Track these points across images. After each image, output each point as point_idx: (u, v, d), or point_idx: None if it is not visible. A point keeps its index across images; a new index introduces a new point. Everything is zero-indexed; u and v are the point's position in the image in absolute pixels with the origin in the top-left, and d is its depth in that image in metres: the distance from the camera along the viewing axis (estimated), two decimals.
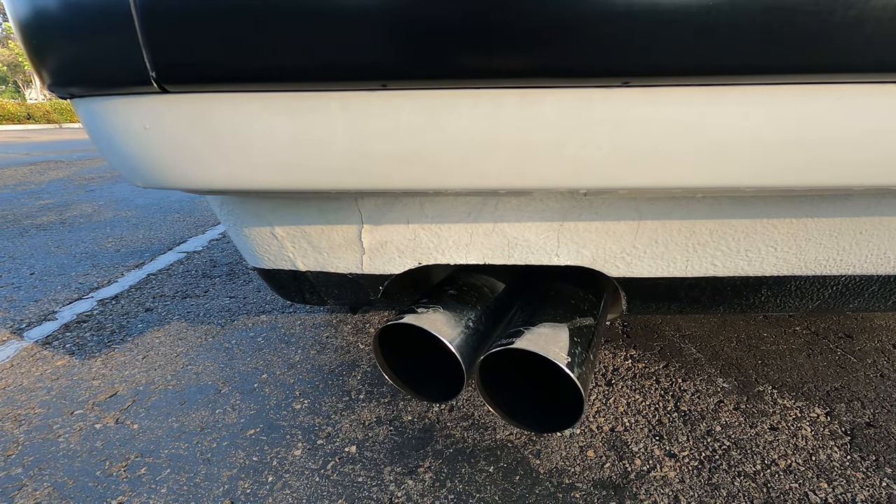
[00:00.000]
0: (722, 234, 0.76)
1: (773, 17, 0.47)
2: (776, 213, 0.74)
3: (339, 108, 0.56)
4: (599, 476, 1.19)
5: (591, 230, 0.77)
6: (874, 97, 0.52)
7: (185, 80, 0.56)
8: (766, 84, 0.52)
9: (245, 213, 0.83)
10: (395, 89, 0.55)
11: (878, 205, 0.72)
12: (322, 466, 1.22)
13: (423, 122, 0.56)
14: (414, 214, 0.78)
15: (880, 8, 0.46)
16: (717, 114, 0.54)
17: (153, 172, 0.64)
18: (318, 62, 0.53)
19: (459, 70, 0.52)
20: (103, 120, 0.62)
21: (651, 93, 0.52)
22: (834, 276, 0.81)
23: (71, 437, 1.33)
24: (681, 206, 0.74)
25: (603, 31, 0.49)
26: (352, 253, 0.83)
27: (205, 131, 0.59)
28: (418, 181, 0.60)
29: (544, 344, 0.71)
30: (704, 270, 0.80)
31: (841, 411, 1.42)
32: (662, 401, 1.48)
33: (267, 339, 1.87)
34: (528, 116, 0.55)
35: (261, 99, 0.57)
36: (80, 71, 0.58)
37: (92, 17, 0.54)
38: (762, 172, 0.56)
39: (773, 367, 1.65)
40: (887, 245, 0.76)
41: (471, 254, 0.82)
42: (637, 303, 0.91)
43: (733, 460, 1.24)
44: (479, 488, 1.15)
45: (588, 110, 0.54)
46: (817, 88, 0.52)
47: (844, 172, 0.56)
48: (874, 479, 1.18)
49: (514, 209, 0.76)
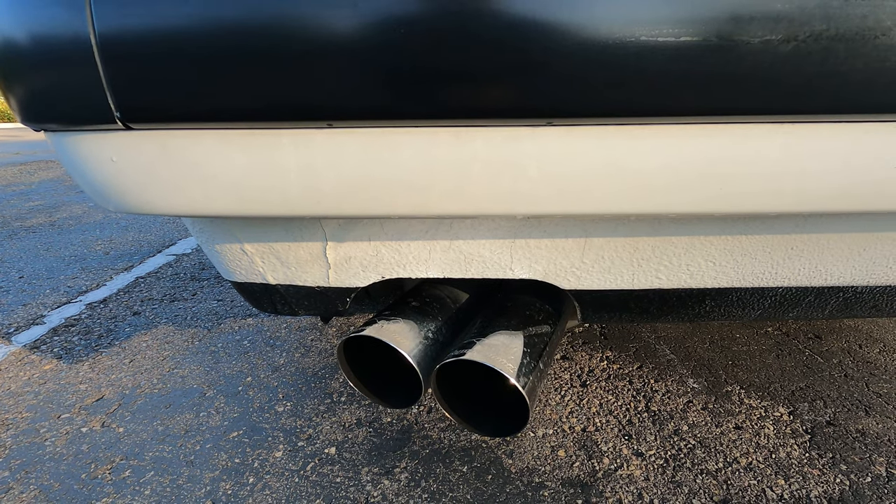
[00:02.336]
0: (664, 251, 0.81)
1: (676, 66, 0.52)
2: (712, 231, 0.79)
3: (290, 144, 0.61)
4: (568, 475, 1.23)
5: (542, 246, 0.82)
6: (772, 136, 0.57)
7: (147, 119, 0.61)
8: (670, 124, 0.58)
9: (215, 231, 0.88)
10: (339, 127, 0.60)
11: (806, 223, 0.77)
12: (302, 467, 1.26)
13: (367, 157, 0.61)
14: (375, 232, 0.83)
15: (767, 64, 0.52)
16: (629, 149, 0.59)
17: (122, 200, 0.69)
18: (268, 104, 0.57)
19: (396, 111, 0.57)
20: (74, 152, 0.67)
21: (572, 131, 0.58)
22: (771, 288, 0.86)
23: (57, 440, 1.37)
24: (623, 224, 0.79)
25: (530, 78, 0.53)
26: (318, 268, 0.88)
27: (166, 163, 0.64)
28: (366, 209, 0.65)
29: (493, 355, 0.76)
30: (650, 283, 0.85)
31: (804, 410, 1.47)
32: (634, 401, 1.53)
33: (252, 342, 1.90)
34: (462, 152, 0.60)
35: (217, 135, 0.62)
36: (51, 110, 0.63)
37: (59, 63, 0.58)
38: (673, 202, 0.61)
39: (743, 368, 1.69)
40: (818, 260, 0.81)
41: (430, 268, 0.86)
42: (590, 313, 0.96)
43: (697, 458, 1.28)
44: (453, 487, 1.19)
45: (517, 146, 0.59)
46: (716, 128, 0.57)
47: (744, 202, 0.61)
48: (829, 476, 1.22)
49: (467, 228, 0.81)
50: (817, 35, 0.53)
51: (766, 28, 0.52)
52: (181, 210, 0.68)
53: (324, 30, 0.54)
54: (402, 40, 0.53)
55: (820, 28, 0.53)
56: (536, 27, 0.53)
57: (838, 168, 0.61)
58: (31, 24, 0.58)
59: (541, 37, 0.53)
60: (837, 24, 0.52)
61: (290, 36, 0.54)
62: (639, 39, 0.53)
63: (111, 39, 0.56)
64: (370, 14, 0.53)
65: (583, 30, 0.53)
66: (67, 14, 0.55)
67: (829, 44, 0.53)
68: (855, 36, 0.53)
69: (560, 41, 0.53)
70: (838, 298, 0.90)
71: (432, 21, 0.52)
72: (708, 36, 0.53)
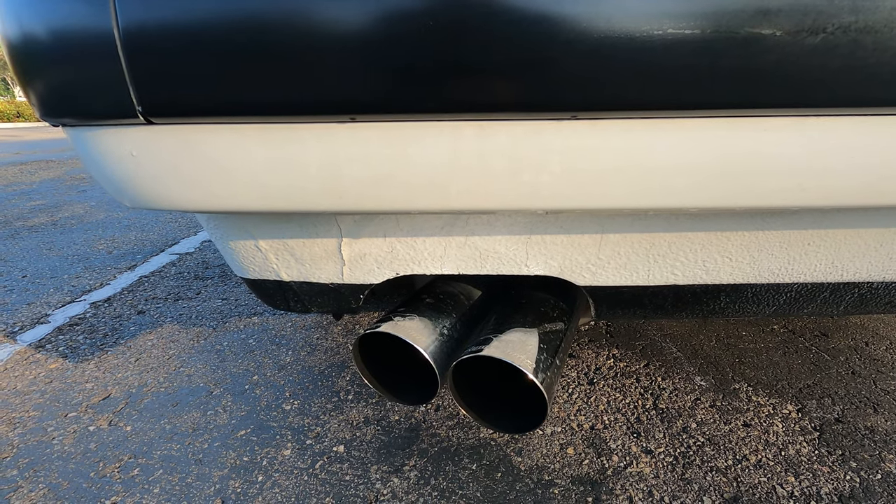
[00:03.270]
0: (680, 246, 0.81)
1: (697, 60, 0.53)
2: (729, 227, 0.79)
3: (312, 138, 0.61)
4: (578, 472, 1.24)
5: (558, 243, 0.82)
6: (790, 130, 0.57)
7: (169, 114, 0.61)
8: (693, 118, 0.58)
9: (230, 228, 0.87)
10: (363, 122, 0.60)
11: (824, 219, 0.77)
12: (311, 466, 1.26)
13: (390, 151, 0.61)
14: (390, 229, 0.83)
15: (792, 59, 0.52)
16: (652, 144, 0.59)
17: (140, 194, 0.69)
18: (292, 97, 0.57)
19: (421, 105, 0.57)
20: (94, 147, 0.67)
21: (597, 125, 0.57)
22: (787, 284, 0.86)
23: (65, 439, 1.37)
24: (640, 220, 0.79)
25: (555, 71, 0.53)
26: (332, 264, 0.88)
27: (188, 158, 0.64)
28: (387, 204, 0.65)
29: (511, 351, 0.76)
30: (665, 279, 0.85)
31: (812, 408, 1.47)
32: (642, 399, 1.53)
33: (258, 340, 1.90)
34: (485, 145, 0.59)
35: (239, 129, 0.62)
36: (72, 104, 0.63)
37: (83, 58, 0.58)
38: (694, 195, 0.61)
39: (750, 365, 1.70)
40: (834, 255, 0.81)
41: (445, 265, 0.86)
42: (604, 309, 0.96)
43: (706, 456, 1.29)
44: (462, 485, 1.20)
45: (540, 140, 0.59)
46: (738, 121, 0.57)
47: (766, 197, 0.61)
48: (839, 473, 1.23)
49: (483, 224, 0.81)
50: (824, 28, 0.53)
51: (782, 22, 0.53)
52: (201, 206, 0.67)
53: (347, 23, 0.54)
54: (426, 34, 0.53)
55: (827, 21, 0.53)
56: (558, 22, 0.53)
57: (857, 163, 0.62)
58: (55, 20, 0.58)
59: (564, 31, 0.53)
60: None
61: (312, 30, 0.54)
62: (661, 32, 0.53)
63: (135, 34, 0.55)
64: (393, 8, 0.53)
65: (605, 23, 0.53)
66: (92, 10, 0.55)
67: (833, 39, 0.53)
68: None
69: (582, 35, 0.53)
70: (853, 294, 0.90)
71: (457, 14, 0.52)
72: (726, 29, 0.53)
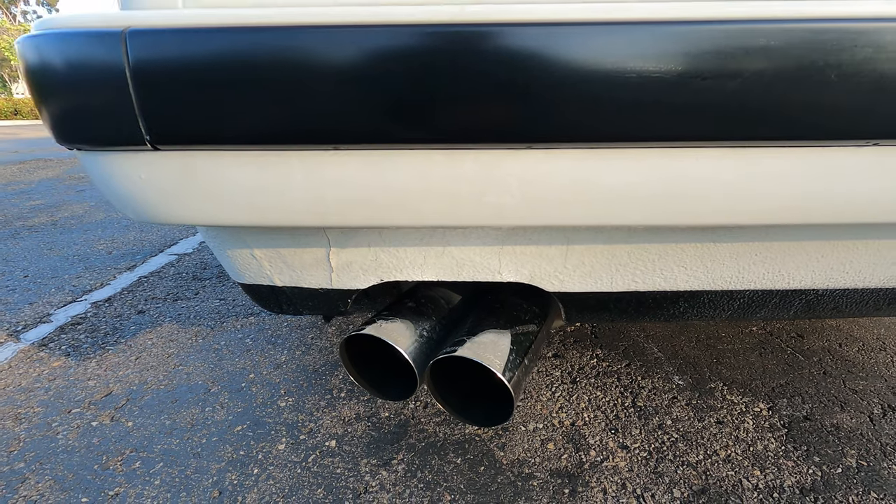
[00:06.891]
0: (639, 256, 0.89)
1: (640, 98, 0.60)
2: (682, 239, 0.86)
3: (300, 164, 0.69)
4: (557, 466, 1.29)
5: (528, 253, 0.90)
6: (725, 159, 0.65)
7: (173, 141, 0.68)
8: (635, 148, 0.65)
9: (227, 237, 0.95)
10: (345, 150, 0.67)
11: (767, 233, 0.84)
12: (304, 459, 1.31)
13: (369, 175, 0.68)
14: (374, 240, 0.90)
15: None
16: (599, 169, 0.66)
17: (147, 211, 0.76)
18: (282, 129, 0.65)
19: (396, 136, 0.65)
20: (105, 169, 0.75)
21: (550, 154, 0.65)
22: (740, 291, 0.94)
23: (69, 434, 1.42)
24: (601, 232, 0.86)
25: (513, 107, 0.61)
26: (322, 271, 0.95)
27: (190, 180, 0.71)
28: (368, 221, 0.73)
29: (482, 351, 0.83)
30: (627, 286, 0.93)
31: (782, 406, 1.53)
32: (621, 397, 1.58)
33: (255, 340, 1.95)
34: (453, 171, 0.67)
35: (235, 155, 0.70)
36: (86, 132, 0.70)
37: (96, 92, 0.66)
38: (636, 215, 0.69)
39: (727, 366, 1.74)
40: (780, 265, 0.89)
41: (426, 272, 0.94)
42: (574, 313, 1.04)
43: (679, 451, 1.34)
44: (447, 478, 1.25)
45: (501, 166, 0.66)
46: (669, 151, 0.65)
47: (704, 217, 0.69)
48: (802, 467, 1.28)
49: (459, 236, 0.88)
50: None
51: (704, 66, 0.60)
52: (200, 220, 0.75)
53: (331, 65, 0.61)
54: (401, 79, 0.60)
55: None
56: (517, 65, 0.61)
57: (781, 186, 0.69)
58: (72, 56, 0.65)
59: (521, 73, 0.60)
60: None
61: (302, 72, 0.62)
62: (600, 79, 0.60)
63: (144, 71, 0.63)
64: (372, 54, 0.60)
65: (560, 68, 0.61)
66: (105, 48, 0.63)
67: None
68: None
69: (537, 76, 0.61)
70: (801, 300, 0.97)
71: (429, 59, 0.60)
72: (662, 73, 0.61)
